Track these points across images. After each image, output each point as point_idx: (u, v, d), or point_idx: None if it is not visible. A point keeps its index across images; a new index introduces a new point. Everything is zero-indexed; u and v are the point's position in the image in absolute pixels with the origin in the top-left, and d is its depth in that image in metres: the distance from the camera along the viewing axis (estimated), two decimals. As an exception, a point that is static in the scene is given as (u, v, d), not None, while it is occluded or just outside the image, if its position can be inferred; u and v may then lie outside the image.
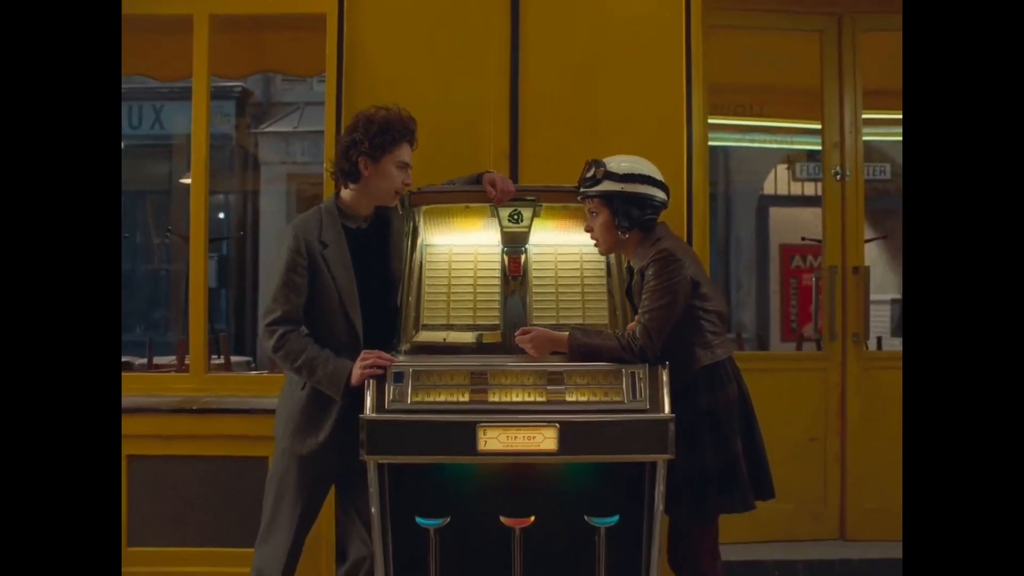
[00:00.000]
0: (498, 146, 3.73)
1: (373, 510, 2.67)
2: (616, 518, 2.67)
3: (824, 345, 4.32)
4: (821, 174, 11.89)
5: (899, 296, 11.90)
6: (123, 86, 4.90)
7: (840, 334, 4.25)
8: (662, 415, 2.63)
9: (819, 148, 4.71)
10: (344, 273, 2.82)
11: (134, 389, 4.11)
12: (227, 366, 4.87)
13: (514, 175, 3.64)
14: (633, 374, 2.66)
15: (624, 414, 2.65)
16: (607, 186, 2.82)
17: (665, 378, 2.66)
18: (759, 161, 11.50)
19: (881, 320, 11.99)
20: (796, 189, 11.89)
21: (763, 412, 3.78)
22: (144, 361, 5.01)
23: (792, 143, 7.87)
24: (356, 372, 2.67)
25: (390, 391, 2.66)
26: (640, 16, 3.78)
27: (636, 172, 2.83)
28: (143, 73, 5.33)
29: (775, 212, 11.71)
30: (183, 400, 3.89)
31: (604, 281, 3.10)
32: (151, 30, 4.50)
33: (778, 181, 11.79)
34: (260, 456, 3.64)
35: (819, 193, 12.93)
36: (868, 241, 7.70)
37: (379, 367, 2.66)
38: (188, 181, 11.31)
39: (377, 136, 2.83)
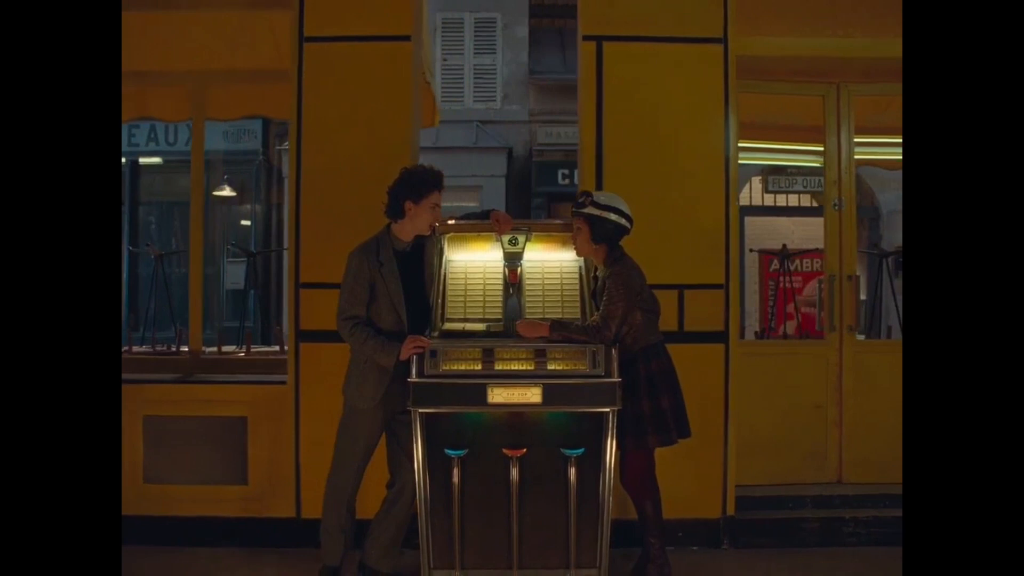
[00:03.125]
0: (587, 183, 4.63)
1: (416, 445, 3.59)
2: (582, 450, 3.58)
3: (826, 334, 5.20)
4: (790, 187, 13.26)
5: (864, 298, 12.80)
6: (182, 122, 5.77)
7: (838, 326, 5.13)
8: (612, 379, 3.57)
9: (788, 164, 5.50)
10: (394, 282, 3.77)
11: (147, 368, 5.15)
12: (248, 354, 5.81)
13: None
14: (594, 352, 3.61)
15: (587, 378, 3.58)
16: (590, 210, 3.86)
17: (615, 354, 3.61)
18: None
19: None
20: (769, 200, 12.73)
21: (780, 385, 4.83)
22: (214, 349, 5.99)
23: (794, 160, 8.52)
24: (405, 350, 3.61)
25: (428, 363, 3.57)
26: (691, 85, 4.72)
27: (612, 205, 3.88)
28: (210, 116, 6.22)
29: (750, 221, 12.51)
30: (183, 375, 4.97)
31: (577, 287, 3.97)
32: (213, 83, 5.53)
33: (752, 193, 12.64)
34: (240, 416, 4.66)
35: (789, 204, 13.70)
36: (804, 252, 8.52)
37: (420, 347, 3.60)
38: (220, 193, 12.21)
39: (417, 185, 3.80)
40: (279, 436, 4.64)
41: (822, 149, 5.31)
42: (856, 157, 5.33)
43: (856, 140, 5.30)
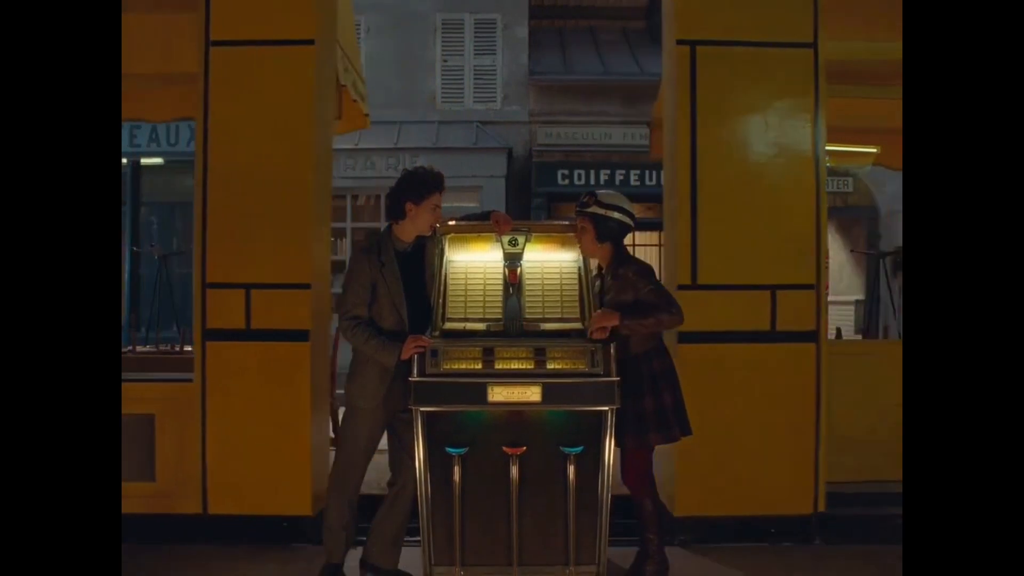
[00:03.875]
0: (682, 188, 4.73)
1: (417, 444, 3.61)
2: (582, 448, 3.60)
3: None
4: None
5: (862, 298, 12.86)
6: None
7: None
8: (611, 379, 3.59)
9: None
10: (395, 282, 3.81)
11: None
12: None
13: (694, 211, 4.70)
14: (592, 351, 3.63)
15: (586, 378, 3.60)
16: (594, 209, 3.90)
17: (613, 353, 3.63)
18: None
19: (846, 318, 12.94)
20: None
21: (864, 384, 4.97)
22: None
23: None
24: (406, 350, 3.65)
25: (429, 362, 3.60)
26: (782, 89, 4.80)
27: (615, 203, 3.92)
28: (140, 117, 6.19)
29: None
30: None
31: (576, 286, 3.95)
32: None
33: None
34: (147, 413, 4.71)
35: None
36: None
37: (421, 346, 3.63)
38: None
39: (418, 187, 3.84)
40: (186, 433, 4.69)
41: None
42: None
43: None
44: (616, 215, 3.89)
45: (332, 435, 6.18)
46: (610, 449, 3.64)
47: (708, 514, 4.63)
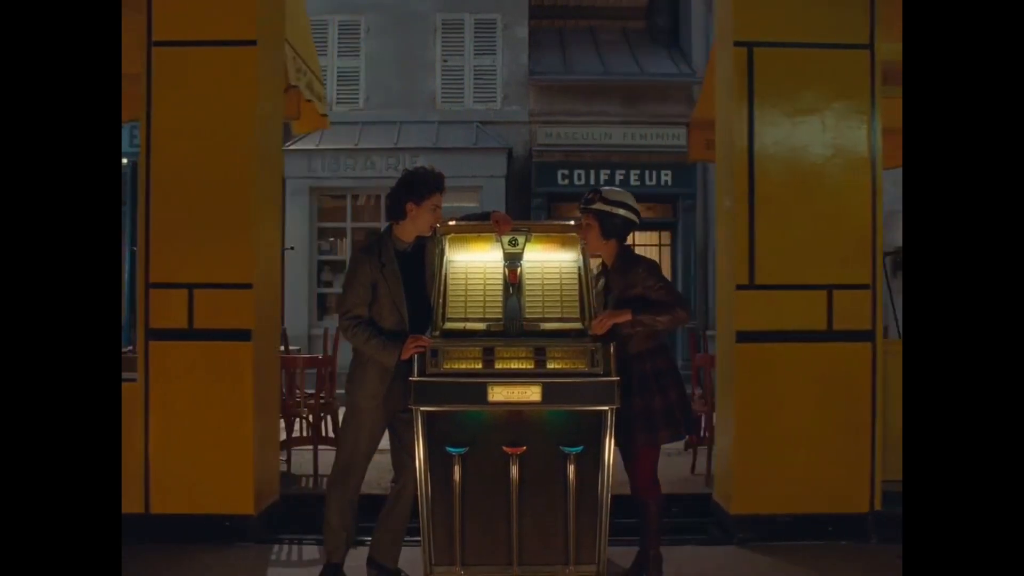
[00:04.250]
0: (740, 188, 4.77)
1: (417, 443, 3.62)
2: (582, 448, 3.61)
3: None
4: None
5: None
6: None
7: None
8: (611, 378, 3.60)
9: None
10: (395, 282, 3.82)
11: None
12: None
13: (751, 211, 4.76)
14: (592, 351, 3.63)
15: (586, 377, 3.61)
16: (599, 206, 3.92)
17: (613, 353, 3.63)
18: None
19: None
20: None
21: None
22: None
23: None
24: (406, 350, 3.66)
25: (429, 362, 3.61)
26: (838, 90, 4.83)
27: (620, 200, 3.93)
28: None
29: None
30: None
31: (576, 287, 3.94)
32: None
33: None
34: None
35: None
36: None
37: (421, 346, 3.64)
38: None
39: (419, 187, 3.84)
40: (128, 433, 4.62)
41: None
42: None
43: None
44: (621, 212, 3.90)
45: (332, 435, 6.20)
46: (610, 449, 3.65)
47: (765, 512, 4.68)
